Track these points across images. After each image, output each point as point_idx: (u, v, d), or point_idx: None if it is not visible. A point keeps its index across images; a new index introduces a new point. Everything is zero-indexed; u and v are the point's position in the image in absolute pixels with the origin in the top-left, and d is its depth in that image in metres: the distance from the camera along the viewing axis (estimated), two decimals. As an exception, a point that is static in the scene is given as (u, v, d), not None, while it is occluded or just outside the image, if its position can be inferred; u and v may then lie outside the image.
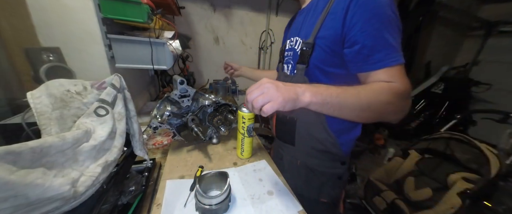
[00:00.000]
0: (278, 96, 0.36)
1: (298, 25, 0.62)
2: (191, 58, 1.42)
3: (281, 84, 0.39)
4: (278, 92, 0.37)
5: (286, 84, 0.39)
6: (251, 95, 0.39)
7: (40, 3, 0.63)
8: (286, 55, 0.66)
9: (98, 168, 0.32)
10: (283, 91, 0.37)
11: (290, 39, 0.64)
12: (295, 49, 0.59)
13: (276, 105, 0.36)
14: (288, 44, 0.65)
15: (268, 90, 0.37)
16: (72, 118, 0.36)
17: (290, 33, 0.67)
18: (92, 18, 0.68)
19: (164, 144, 0.74)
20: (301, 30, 0.59)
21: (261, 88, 0.38)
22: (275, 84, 0.38)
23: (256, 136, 0.80)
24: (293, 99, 0.38)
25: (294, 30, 0.64)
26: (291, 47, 0.62)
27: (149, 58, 0.78)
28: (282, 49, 0.70)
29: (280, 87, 0.38)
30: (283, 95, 0.37)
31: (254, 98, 0.38)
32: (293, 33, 0.63)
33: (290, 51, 0.63)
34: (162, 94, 1.32)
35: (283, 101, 0.36)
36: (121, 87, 0.44)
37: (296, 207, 0.48)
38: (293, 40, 0.61)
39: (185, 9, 1.44)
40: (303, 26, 0.59)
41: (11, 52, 0.61)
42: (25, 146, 0.25)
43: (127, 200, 0.45)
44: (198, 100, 0.69)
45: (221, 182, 0.48)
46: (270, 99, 0.37)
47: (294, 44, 0.60)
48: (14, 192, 0.22)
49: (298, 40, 0.58)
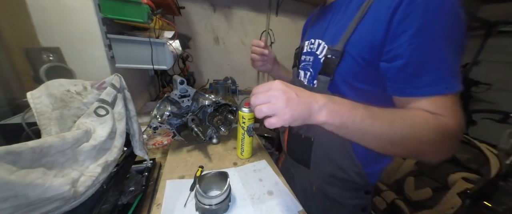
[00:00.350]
0: (285, 113, 0.30)
1: (323, 25, 0.51)
2: (191, 58, 1.42)
3: (294, 95, 0.31)
4: (286, 107, 0.30)
5: (301, 95, 0.32)
6: (255, 99, 0.32)
7: (40, 3, 0.63)
8: (304, 59, 0.55)
9: (98, 168, 0.32)
10: (293, 106, 0.31)
11: (310, 40, 0.54)
12: (316, 54, 0.50)
13: (280, 122, 0.30)
14: (307, 46, 0.55)
15: (276, 101, 0.31)
16: (72, 118, 0.36)
17: (311, 33, 0.56)
18: (92, 18, 0.68)
19: (164, 144, 0.74)
20: (327, 32, 0.49)
21: (268, 95, 0.32)
22: (287, 94, 0.31)
23: (256, 136, 0.80)
24: (304, 118, 0.32)
25: (317, 31, 0.53)
26: (311, 51, 0.52)
27: (149, 58, 0.78)
28: (299, 52, 0.59)
29: (291, 100, 0.31)
30: (292, 112, 0.30)
31: (257, 105, 0.32)
32: (316, 34, 0.53)
33: (310, 56, 0.53)
34: (162, 94, 1.32)
35: (290, 118, 0.30)
36: (121, 87, 0.44)
37: (296, 207, 0.48)
38: (315, 43, 0.51)
39: (185, 9, 1.44)
40: (330, 27, 0.48)
41: (11, 52, 0.61)
42: (25, 146, 0.25)
43: (127, 200, 0.45)
44: (198, 100, 0.69)
45: (221, 182, 0.48)
46: (275, 112, 0.31)
47: (315, 48, 0.50)
48: (14, 192, 0.22)
49: (321, 44, 0.49)
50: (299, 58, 0.58)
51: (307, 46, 0.55)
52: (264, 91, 0.32)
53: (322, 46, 0.48)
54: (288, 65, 0.70)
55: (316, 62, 0.50)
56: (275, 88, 0.32)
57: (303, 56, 0.56)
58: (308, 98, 0.32)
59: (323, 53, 0.47)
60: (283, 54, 2.07)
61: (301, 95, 0.32)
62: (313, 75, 0.51)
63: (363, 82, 0.42)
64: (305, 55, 0.55)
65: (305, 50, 0.56)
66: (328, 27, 0.49)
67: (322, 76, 0.46)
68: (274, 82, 0.33)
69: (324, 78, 0.46)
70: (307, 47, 0.55)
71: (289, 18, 1.90)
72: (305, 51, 0.55)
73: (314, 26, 0.58)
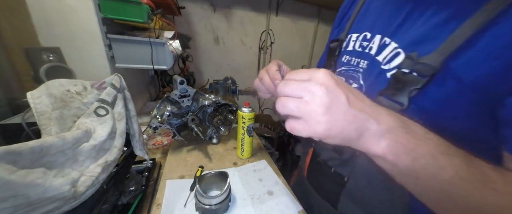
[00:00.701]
0: (319, 122, 0.20)
1: (393, 15, 0.34)
2: (191, 58, 1.42)
3: (344, 99, 0.20)
4: (324, 115, 0.20)
5: (355, 103, 0.21)
6: (283, 87, 0.23)
7: (40, 3, 0.63)
8: (348, 61, 0.40)
9: (98, 168, 0.32)
10: (337, 116, 0.20)
11: (363, 34, 0.38)
12: (377, 61, 0.34)
13: (308, 132, 0.21)
14: (354, 42, 0.40)
15: (312, 99, 0.21)
16: (72, 118, 0.36)
17: (363, 22, 0.40)
18: (92, 18, 0.68)
19: (164, 144, 0.74)
20: (402, 29, 0.32)
21: (304, 87, 0.21)
22: (332, 94, 0.20)
23: (256, 136, 0.80)
24: (348, 138, 0.21)
25: (379, 22, 0.36)
26: (364, 52, 0.37)
27: (149, 58, 0.78)
28: (336, 48, 0.43)
29: (336, 106, 0.20)
30: (330, 124, 0.20)
31: (285, 96, 0.22)
32: (375, 27, 0.37)
33: (362, 60, 0.37)
34: (162, 94, 1.32)
35: (324, 133, 0.21)
36: (121, 87, 0.44)
37: (296, 207, 0.48)
38: (374, 40, 0.36)
39: (185, 9, 1.44)
40: (409, 22, 0.32)
41: (11, 52, 0.61)
42: (25, 145, 0.25)
43: (127, 200, 0.45)
44: (198, 100, 0.69)
45: (221, 182, 0.48)
46: (304, 116, 0.21)
47: (375, 49, 0.35)
48: (14, 192, 0.22)
49: (388, 46, 0.33)
50: (334, 57, 0.43)
51: (354, 42, 0.39)
52: (300, 80, 0.22)
53: (391, 50, 0.32)
54: (288, 66, 0.57)
55: (375, 74, 0.34)
56: (317, 80, 0.21)
57: (345, 56, 0.41)
58: (365, 112, 0.21)
59: (393, 62, 0.31)
60: (283, 54, 2.08)
61: (354, 103, 0.21)
62: (368, 91, 0.35)
63: (459, 123, 0.27)
64: (350, 55, 0.40)
65: (350, 47, 0.40)
66: (404, 22, 0.32)
67: (385, 99, 0.30)
68: (319, 71, 0.22)
69: (388, 103, 0.30)
70: (354, 43, 0.39)
71: (289, 18, 1.90)
72: (351, 50, 0.40)
73: (370, 12, 0.40)
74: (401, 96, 0.29)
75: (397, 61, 0.31)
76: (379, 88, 0.32)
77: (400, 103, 0.29)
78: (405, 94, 0.29)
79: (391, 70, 0.31)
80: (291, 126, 0.22)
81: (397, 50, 0.31)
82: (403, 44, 0.31)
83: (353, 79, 0.38)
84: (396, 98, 0.30)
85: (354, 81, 0.38)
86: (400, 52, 0.31)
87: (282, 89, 0.23)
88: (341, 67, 0.42)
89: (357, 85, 0.37)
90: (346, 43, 0.42)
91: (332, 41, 0.46)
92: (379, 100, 0.31)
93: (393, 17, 0.34)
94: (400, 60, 0.31)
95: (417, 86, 0.28)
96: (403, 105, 0.29)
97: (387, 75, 0.32)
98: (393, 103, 0.30)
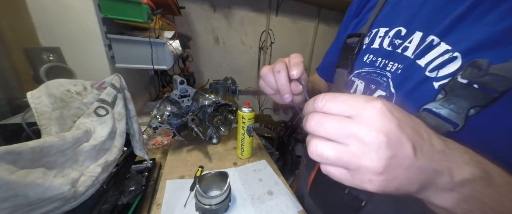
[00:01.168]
0: (370, 181, 0.16)
1: (441, 7, 0.27)
2: (191, 58, 1.42)
3: (411, 152, 0.15)
4: (382, 174, 0.15)
5: (422, 155, 0.16)
6: (317, 127, 0.17)
7: (40, 3, 0.63)
8: (373, 62, 0.33)
9: (98, 168, 0.32)
10: (398, 173, 0.15)
11: (396, 29, 0.31)
12: (416, 64, 0.28)
13: (350, 184, 0.17)
14: (383, 39, 0.33)
15: (366, 154, 0.15)
16: (72, 118, 0.36)
17: (396, 16, 0.32)
18: (92, 18, 0.68)
19: (164, 144, 0.74)
20: (458, 25, 0.25)
21: (349, 131, 0.16)
22: (394, 148, 0.15)
23: (256, 136, 0.80)
24: (408, 191, 0.17)
25: (419, 15, 0.29)
26: (395, 52, 0.31)
27: (149, 58, 0.78)
28: (355, 44, 0.36)
29: (398, 164, 0.15)
30: (385, 183, 0.16)
31: (317, 136, 0.17)
32: (414, 21, 0.30)
33: (392, 62, 0.31)
34: (162, 94, 1.32)
35: (380, 189, 0.16)
36: (121, 87, 0.44)
37: (296, 207, 0.48)
38: (413, 38, 0.29)
39: (185, 9, 1.44)
40: (469, 17, 0.25)
41: (11, 52, 0.61)
42: (25, 146, 0.25)
43: (127, 200, 0.45)
44: (198, 100, 0.69)
45: (221, 182, 0.48)
46: (351, 168, 0.16)
47: (412, 49, 0.29)
48: (15, 192, 0.22)
49: (437, 46, 0.26)
50: (353, 56, 0.36)
51: (382, 38, 0.32)
52: (341, 114, 0.17)
53: (440, 53, 0.26)
54: None
55: (414, 81, 0.27)
56: (373, 123, 0.15)
57: (368, 55, 0.34)
58: (437, 162, 0.16)
59: (445, 69, 0.25)
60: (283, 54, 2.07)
61: (423, 151, 0.16)
62: (393, 101, 0.29)
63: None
64: (376, 54, 0.33)
65: (375, 44, 0.33)
66: (462, 18, 0.25)
67: (431, 116, 0.24)
68: (374, 104, 0.16)
69: (435, 121, 0.24)
70: (382, 39, 0.32)
71: (289, 18, 1.90)
72: (377, 48, 0.33)
73: (404, 2, 0.32)
74: (454, 114, 0.23)
75: (450, 68, 0.24)
76: (422, 101, 0.25)
77: (454, 124, 0.23)
78: (462, 113, 0.22)
79: (441, 80, 0.25)
80: (329, 171, 0.17)
81: (452, 54, 0.24)
82: (461, 47, 0.24)
83: (378, 85, 0.31)
84: (447, 117, 0.23)
85: (379, 88, 0.31)
86: (457, 57, 0.24)
87: (314, 128, 0.17)
88: (361, 69, 0.34)
89: (386, 94, 0.30)
90: (370, 39, 0.34)
91: (350, 36, 0.37)
92: (422, 116, 0.25)
93: (443, 11, 0.27)
94: (456, 67, 0.24)
95: (481, 104, 0.21)
96: (457, 126, 0.23)
97: (434, 85, 0.25)
98: (444, 123, 0.24)
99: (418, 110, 0.26)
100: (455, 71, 0.24)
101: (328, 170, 0.17)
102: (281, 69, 0.29)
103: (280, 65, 0.29)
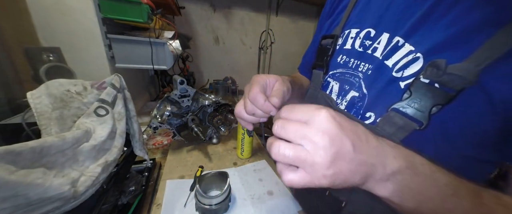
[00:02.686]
0: (323, 176, 0.18)
1: (405, 8, 0.29)
2: (191, 58, 1.42)
3: (350, 148, 0.18)
4: (329, 168, 0.18)
5: (361, 149, 0.19)
6: (279, 129, 0.20)
7: (40, 3, 0.63)
8: (344, 62, 0.34)
9: (98, 168, 0.32)
10: (342, 167, 0.18)
11: (365, 30, 0.32)
12: (384, 65, 0.29)
13: (309, 183, 0.19)
14: (355, 40, 0.33)
15: (314, 151, 0.18)
16: (72, 118, 0.36)
17: (366, 17, 0.33)
18: (92, 18, 0.68)
19: (164, 144, 0.74)
20: (420, 27, 0.27)
21: (304, 133, 0.19)
22: (337, 145, 0.18)
23: (256, 136, 0.80)
24: (353, 183, 0.19)
25: (386, 16, 0.30)
26: (366, 53, 0.32)
27: (149, 58, 0.78)
28: (329, 45, 0.37)
29: (341, 158, 0.18)
30: (335, 176, 0.18)
31: (278, 141, 0.20)
32: (381, 23, 0.31)
33: (363, 63, 0.32)
34: (162, 94, 1.32)
35: (329, 183, 0.19)
36: (121, 87, 0.44)
37: (296, 207, 0.48)
38: (381, 39, 0.30)
39: (185, 9, 1.44)
40: (430, 18, 0.26)
41: (11, 52, 0.61)
42: (25, 146, 0.25)
43: (127, 200, 0.45)
44: (198, 100, 0.69)
45: (221, 182, 0.48)
46: (305, 167, 0.19)
47: (380, 50, 0.30)
48: (15, 192, 0.22)
49: (402, 47, 0.27)
50: (328, 57, 0.36)
51: (353, 39, 0.33)
52: (299, 121, 0.20)
53: (405, 54, 0.27)
54: (288, 66, 0.57)
55: (383, 82, 0.29)
56: (319, 126, 0.18)
57: (342, 56, 0.35)
58: (372, 156, 0.19)
59: (409, 69, 0.26)
60: (283, 54, 2.08)
61: (360, 148, 0.18)
62: (365, 101, 0.30)
63: (485, 149, 0.24)
64: (349, 55, 0.34)
65: (347, 45, 0.34)
66: (424, 19, 0.26)
67: (399, 115, 0.26)
68: (320, 112, 0.19)
69: (402, 121, 0.25)
70: (354, 40, 0.33)
71: (289, 18, 1.90)
72: (349, 49, 0.33)
73: (374, 2, 0.33)
74: (419, 113, 0.25)
75: (414, 68, 0.26)
76: (391, 101, 0.27)
77: (418, 122, 0.25)
78: (425, 111, 0.24)
79: (407, 79, 0.26)
80: (290, 179, 0.19)
81: (415, 55, 0.26)
82: (423, 48, 0.26)
83: (351, 86, 0.33)
84: (413, 116, 0.25)
85: (352, 89, 0.32)
86: (419, 57, 0.26)
87: (278, 131, 0.20)
88: (335, 70, 0.35)
89: (359, 94, 0.32)
90: (343, 40, 0.35)
91: (324, 37, 0.38)
92: (390, 116, 0.26)
93: (406, 12, 0.28)
94: (419, 67, 0.26)
95: (441, 102, 0.23)
96: (421, 125, 0.24)
97: (401, 85, 0.27)
98: (410, 122, 0.25)
99: (387, 109, 0.27)
100: (418, 71, 0.26)
101: (291, 180, 0.19)
102: (254, 110, 0.30)
103: (251, 107, 0.30)
